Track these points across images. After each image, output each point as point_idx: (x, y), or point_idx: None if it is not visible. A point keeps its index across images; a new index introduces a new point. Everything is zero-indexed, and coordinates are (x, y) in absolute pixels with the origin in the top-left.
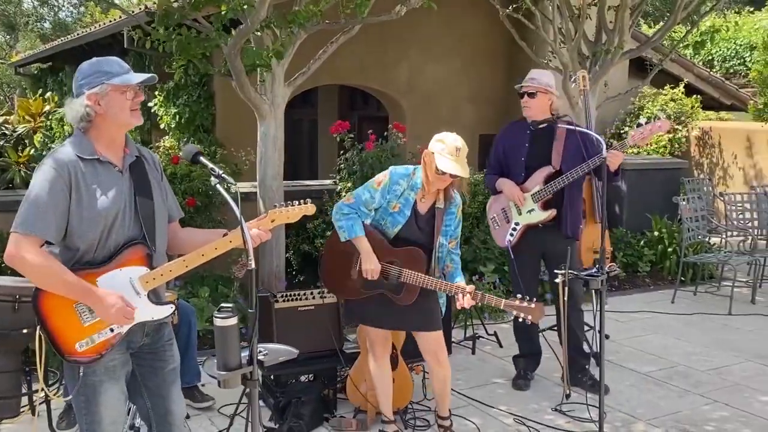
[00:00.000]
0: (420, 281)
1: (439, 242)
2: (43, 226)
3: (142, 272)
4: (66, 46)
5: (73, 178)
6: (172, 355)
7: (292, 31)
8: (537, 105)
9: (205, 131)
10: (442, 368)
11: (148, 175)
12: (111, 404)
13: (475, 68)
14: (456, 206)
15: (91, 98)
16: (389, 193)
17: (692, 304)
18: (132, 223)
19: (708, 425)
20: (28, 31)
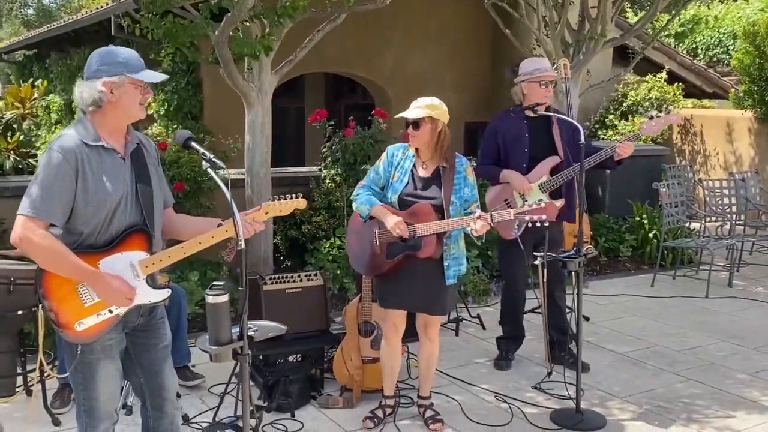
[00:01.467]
0: (432, 228)
1: (451, 200)
2: (49, 209)
3: (143, 257)
4: (52, 33)
5: (79, 163)
6: (165, 333)
7: (280, 22)
8: (551, 94)
9: (192, 118)
10: (430, 342)
11: (147, 162)
12: (107, 381)
13: (460, 56)
14: (462, 166)
15: (107, 85)
16: (389, 165)
17: (671, 288)
18: (133, 209)
19: (680, 401)
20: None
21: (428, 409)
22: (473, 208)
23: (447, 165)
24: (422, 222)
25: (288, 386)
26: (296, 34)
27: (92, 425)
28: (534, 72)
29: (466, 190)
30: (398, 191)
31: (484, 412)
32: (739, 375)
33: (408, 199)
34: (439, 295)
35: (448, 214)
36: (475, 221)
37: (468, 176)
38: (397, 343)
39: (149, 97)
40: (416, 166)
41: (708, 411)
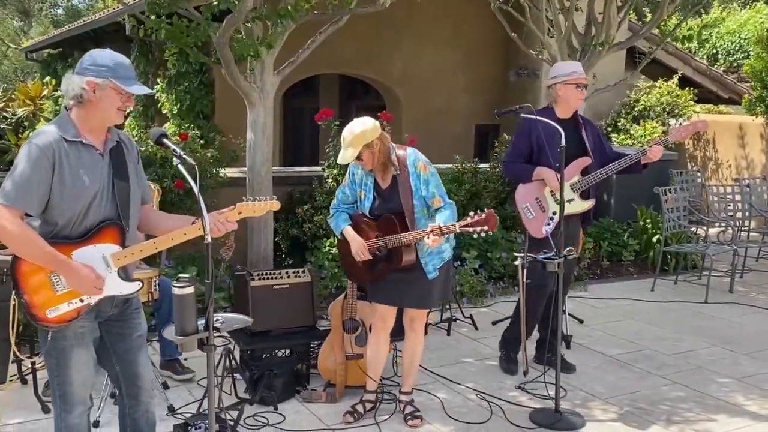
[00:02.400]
0: (399, 241)
1: (413, 204)
2: (25, 199)
3: (115, 250)
4: (73, 33)
5: (56, 157)
6: (140, 323)
7: (281, 23)
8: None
9: (204, 118)
10: (415, 335)
11: (126, 159)
12: (80, 368)
13: (471, 59)
14: (414, 164)
15: (90, 84)
16: (353, 183)
17: (671, 293)
18: (108, 203)
19: (663, 404)
20: (41, 17)
21: (408, 405)
22: (437, 203)
23: (399, 172)
24: (390, 234)
25: (272, 380)
26: (300, 35)
27: (66, 410)
28: (571, 74)
29: (422, 188)
30: (367, 209)
31: (464, 409)
32: (726, 380)
33: (377, 213)
34: (425, 290)
35: (412, 219)
36: (428, 235)
37: (421, 173)
38: (384, 336)
39: (130, 105)
40: (376, 181)
41: (689, 414)
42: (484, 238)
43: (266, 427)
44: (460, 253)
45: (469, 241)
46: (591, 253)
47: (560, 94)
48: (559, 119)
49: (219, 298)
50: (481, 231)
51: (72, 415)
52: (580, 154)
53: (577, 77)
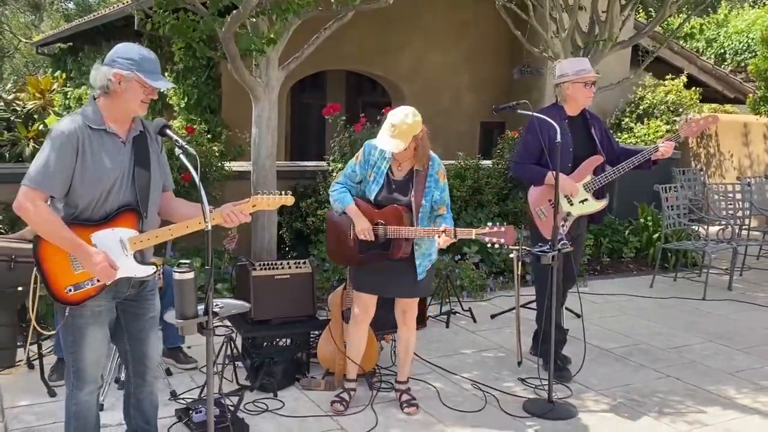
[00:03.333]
0: (403, 233)
1: (422, 204)
2: (48, 183)
3: (132, 234)
4: (84, 27)
5: (80, 143)
6: (153, 305)
7: (286, 18)
8: None
9: (211, 112)
10: (408, 329)
11: (149, 148)
12: (94, 345)
13: (477, 57)
14: (434, 169)
15: (117, 76)
16: (365, 163)
17: (669, 289)
18: (128, 189)
19: (655, 396)
20: (52, 11)
21: (404, 393)
22: (442, 211)
23: (421, 168)
24: (394, 224)
25: (272, 367)
26: (306, 31)
27: (78, 386)
28: (580, 72)
29: (436, 193)
30: (374, 191)
31: (460, 398)
32: (719, 374)
33: (382, 201)
34: (412, 285)
35: (417, 217)
36: (440, 234)
37: (440, 179)
38: (365, 326)
39: (153, 97)
40: (392, 168)
41: (680, 406)
42: None
43: (266, 412)
44: (461, 247)
45: None
46: (591, 249)
47: (568, 93)
48: (569, 117)
49: (222, 288)
50: (497, 242)
51: (83, 392)
52: (590, 152)
53: (586, 75)
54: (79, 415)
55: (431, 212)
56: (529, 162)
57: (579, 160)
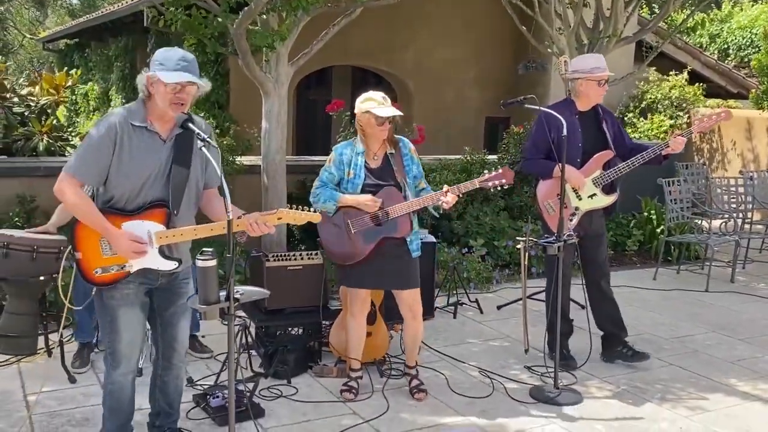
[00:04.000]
0: (405, 208)
1: (405, 182)
2: (86, 172)
3: (159, 228)
4: (91, 23)
5: (119, 138)
6: (186, 292)
7: (295, 15)
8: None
9: (219, 107)
10: (416, 322)
11: (193, 147)
12: (127, 327)
13: (482, 52)
14: (406, 146)
15: (148, 79)
16: (340, 164)
17: (672, 282)
18: (162, 186)
19: (658, 384)
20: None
21: (414, 379)
22: (422, 185)
23: (395, 150)
24: (392, 204)
25: (286, 355)
26: (315, 27)
27: (113, 366)
28: (594, 70)
29: (414, 168)
30: (359, 185)
31: (468, 385)
32: (721, 363)
33: (369, 190)
34: (410, 269)
35: (406, 194)
36: (444, 195)
37: (413, 156)
38: (363, 319)
39: (184, 98)
40: (367, 161)
41: (682, 393)
42: (491, 226)
43: (280, 398)
44: (468, 241)
45: (476, 230)
46: None
47: (581, 89)
48: (580, 112)
49: (235, 280)
50: (499, 184)
51: (117, 371)
52: (600, 148)
53: (599, 74)
54: (114, 394)
55: (414, 189)
56: (537, 157)
57: (588, 155)
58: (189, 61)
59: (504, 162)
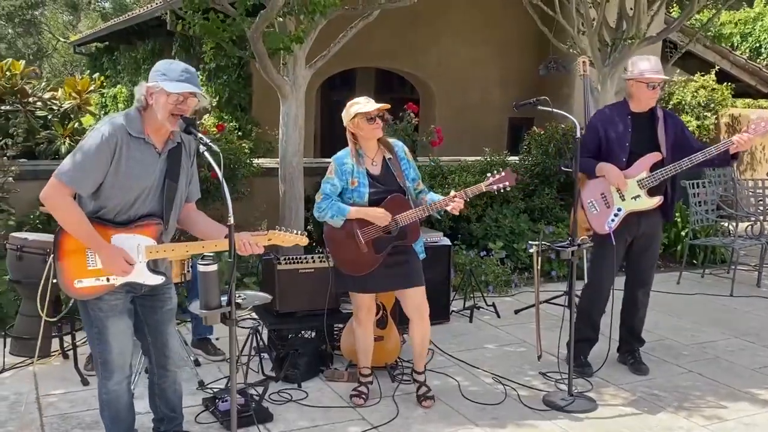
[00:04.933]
0: (414, 216)
1: (407, 186)
2: (79, 181)
3: (149, 243)
4: (118, 27)
5: (117, 148)
6: (170, 298)
7: (312, 18)
8: (658, 93)
9: (242, 110)
10: (423, 322)
11: (182, 160)
12: (117, 336)
13: (505, 52)
14: (401, 149)
15: (147, 90)
16: (343, 174)
17: (696, 286)
18: (155, 200)
19: (676, 391)
20: (90, 10)
21: (422, 386)
22: (420, 186)
23: (391, 155)
24: (401, 212)
25: (297, 359)
26: (334, 30)
27: (106, 377)
28: (643, 73)
29: (411, 172)
30: (365, 194)
31: (480, 391)
32: (742, 370)
33: (375, 199)
34: (413, 268)
35: (410, 198)
36: (452, 200)
37: (409, 159)
38: (370, 325)
39: (185, 109)
40: (368, 167)
41: (700, 401)
42: (511, 229)
43: (290, 402)
44: (487, 243)
45: (495, 232)
46: None
47: (632, 91)
48: (633, 113)
49: (250, 282)
50: (503, 187)
51: (111, 381)
52: (650, 149)
53: (648, 77)
54: (111, 404)
55: (414, 191)
56: (585, 155)
57: (636, 156)
58: (191, 73)
59: (525, 163)
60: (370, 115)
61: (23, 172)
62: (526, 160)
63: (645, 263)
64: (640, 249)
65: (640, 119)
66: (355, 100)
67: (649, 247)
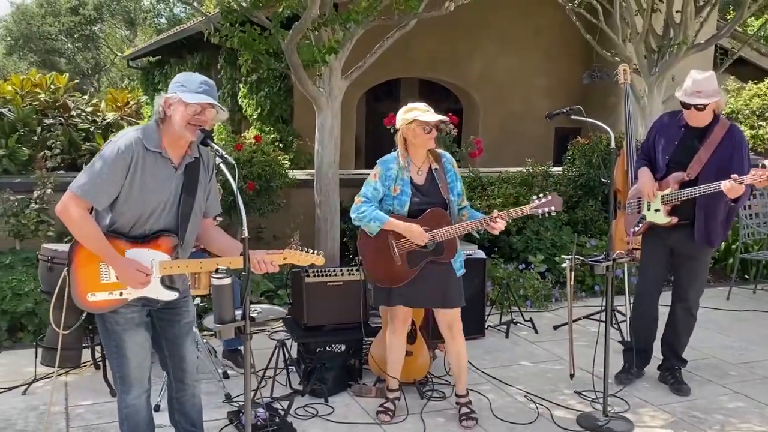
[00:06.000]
0: (452, 232)
1: (450, 199)
2: (95, 195)
3: (164, 258)
4: (168, 41)
5: (133, 162)
6: (188, 311)
7: (348, 28)
8: (706, 115)
9: (283, 122)
10: (456, 342)
11: (200, 175)
12: (135, 350)
13: (551, 61)
14: (449, 161)
15: (166, 102)
16: (386, 179)
17: (747, 302)
18: (171, 215)
19: (719, 413)
20: (146, 26)
21: (464, 407)
22: (464, 202)
23: (438, 165)
24: (439, 227)
25: (324, 373)
26: (372, 40)
27: (125, 391)
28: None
29: (458, 185)
30: (406, 203)
31: (512, 410)
32: None
33: (415, 210)
34: (452, 287)
35: (452, 212)
36: (494, 221)
37: (456, 171)
38: (404, 336)
39: (203, 120)
40: (412, 176)
41: (744, 425)
42: (552, 242)
43: (315, 417)
44: (527, 256)
45: (536, 245)
46: None
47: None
48: (687, 125)
49: (284, 294)
50: (549, 211)
51: (130, 396)
52: (687, 165)
53: (680, 97)
54: (130, 418)
55: (457, 206)
56: (641, 158)
57: (676, 169)
58: (210, 85)
59: (569, 174)
60: (429, 126)
61: (62, 183)
62: (569, 171)
63: (684, 279)
64: (679, 263)
65: (692, 132)
66: (413, 105)
67: (686, 264)
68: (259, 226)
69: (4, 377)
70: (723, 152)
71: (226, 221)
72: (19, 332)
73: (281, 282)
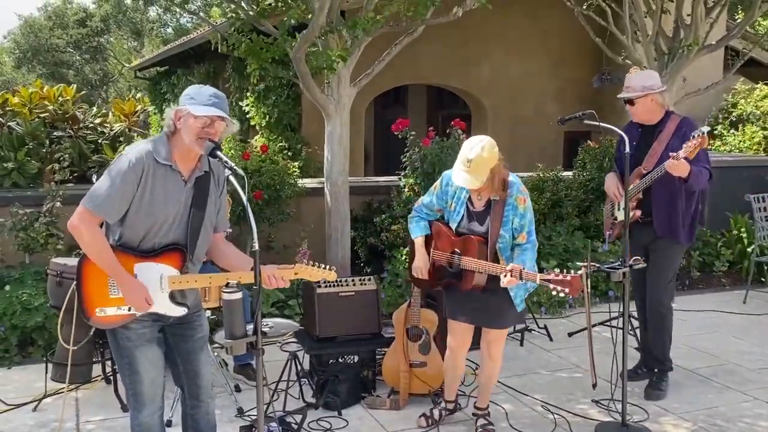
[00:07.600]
0: (474, 266)
1: (500, 234)
2: (106, 209)
3: (173, 273)
4: (175, 51)
5: (144, 175)
6: (201, 325)
7: (356, 36)
8: (640, 110)
9: (291, 130)
10: (491, 362)
11: (210, 189)
12: (147, 367)
13: (561, 65)
14: (513, 196)
15: (176, 114)
16: (444, 194)
17: (764, 306)
18: (180, 229)
19: (741, 421)
20: (153, 36)
21: (481, 418)
22: (521, 239)
23: (498, 198)
24: (468, 255)
25: (337, 385)
26: (380, 47)
27: (137, 408)
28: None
29: (515, 221)
30: (457, 221)
31: (528, 420)
32: None
33: (462, 230)
34: (501, 307)
35: (494, 246)
36: (505, 273)
37: (518, 206)
38: (462, 355)
39: (212, 133)
40: (471, 197)
41: None
42: (565, 247)
43: (328, 431)
44: (539, 262)
45: (548, 251)
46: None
47: None
48: (640, 125)
49: (296, 304)
50: (561, 291)
51: (143, 414)
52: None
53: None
54: None
55: (513, 241)
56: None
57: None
58: (220, 98)
59: (579, 178)
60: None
61: (71, 196)
62: (580, 174)
63: (649, 274)
64: (650, 261)
65: (648, 131)
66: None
67: (652, 260)
68: (269, 235)
69: (14, 393)
70: (675, 142)
71: (236, 231)
72: (30, 347)
73: (292, 292)
